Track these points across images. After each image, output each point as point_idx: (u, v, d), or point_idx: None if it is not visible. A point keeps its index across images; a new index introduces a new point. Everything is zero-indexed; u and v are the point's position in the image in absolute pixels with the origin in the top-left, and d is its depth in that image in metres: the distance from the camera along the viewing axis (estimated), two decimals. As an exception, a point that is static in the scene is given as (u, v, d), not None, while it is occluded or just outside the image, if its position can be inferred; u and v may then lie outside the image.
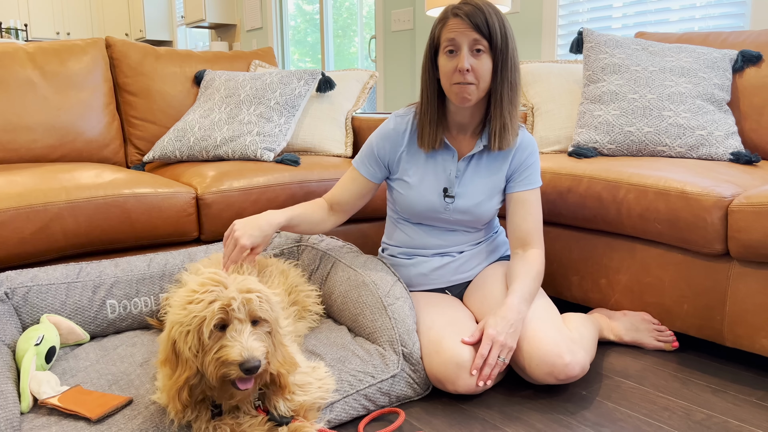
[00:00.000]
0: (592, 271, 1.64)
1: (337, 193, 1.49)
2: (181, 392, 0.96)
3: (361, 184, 1.48)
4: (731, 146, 1.69)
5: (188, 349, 0.95)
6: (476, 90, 1.31)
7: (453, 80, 1.31)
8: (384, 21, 3.75)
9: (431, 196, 1.42)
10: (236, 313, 0.95)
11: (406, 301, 1.37)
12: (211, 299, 0.95)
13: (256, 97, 2.12)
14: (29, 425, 1.05)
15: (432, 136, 1.39)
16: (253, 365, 0.93)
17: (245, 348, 0.93)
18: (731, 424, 1.19)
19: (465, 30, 1.28)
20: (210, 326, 0.94)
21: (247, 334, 0.95)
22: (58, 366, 1.28)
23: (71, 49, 2.16)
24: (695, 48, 1.86)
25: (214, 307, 0.94)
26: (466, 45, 1.28)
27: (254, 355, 0.93)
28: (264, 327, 1.00)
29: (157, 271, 1.50)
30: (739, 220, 1.31)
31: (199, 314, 0.94)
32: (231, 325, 0.95)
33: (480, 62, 1.29)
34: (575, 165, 1.66)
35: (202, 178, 1.80)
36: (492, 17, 1.28)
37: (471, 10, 1.28)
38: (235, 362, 0.93)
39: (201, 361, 0.95)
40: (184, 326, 0.95)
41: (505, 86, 1.32)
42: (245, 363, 0.92)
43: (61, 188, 1.57)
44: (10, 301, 1.35)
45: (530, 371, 1.25)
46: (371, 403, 1.23)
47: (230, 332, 0.95)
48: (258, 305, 0.97)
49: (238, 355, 0.93)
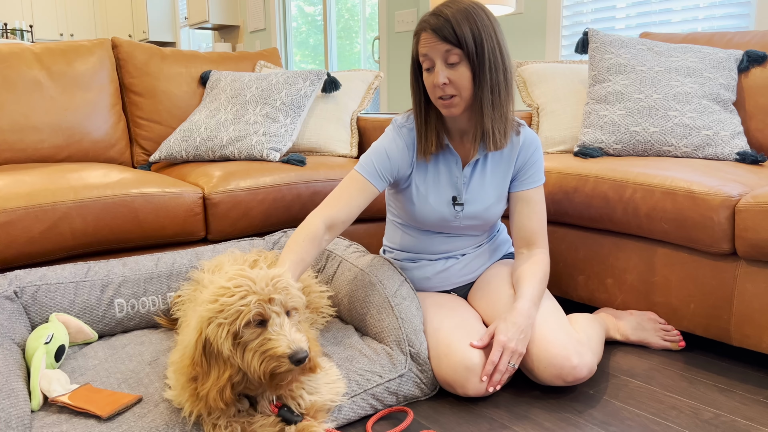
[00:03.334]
0: (598, 270, 1.64)
1: (343, 209, 1.33)
2: (223, 391, 0.96)
3: (370, 195, 1.36)
4: (737, 146, 1.69)
5: (226, 346, 0.96)
6: (459, 100, 1.29)
7: (435, 94, 1.30)
8: (388, 22, 3.76)
9: (440, 206, 1.41)
10: (272, 306, 0.97)
11: (413, 301, 1.37)
12: (243, 293, 0.96)
13: (262, 98, 2.12)
14: (40, 423, 1.05)
15: (427, 144, 1.37)
16: (302, 356, 0.95)
17: (291, 341, 0.95)
18: (739, 423, 1.19)
19: (435, 44, 1.25)
20: (246, 320, 0.95)
21: (288, 327, 0.97)
22: (67, 365, 1.29)
23: (78, 50, 2.17)
24: (700, 48, 1.87)
25: (249, 300, 0.95)
26: (439, 59, 1.26)
27: (301, 346, 0.96)
28: (296, 316, 1.02)
29: (165, 270, 1.51)
30: (746, 219, 1.31)
31: (234, 308, 0.95)
32: (270, 319, 0.97)
33: (457, 72, 1.26)
34: (581, 165, 1.66)
35: (208, 178, 1.81)
36: (461, 25, 1.23)
37: (437, 23, 1.24)
38: (285, 355, 0.95)
39: (241, 357, 0.96)
40: (218, 321, 0.96)
41: (485, 92, 1.28)
42: (295, 355, 0.95)
43: (69, 188, 1.58)
44: (20, 300, 1.35)
45: (538, 373, 1.26)
46: (379, 402, 1.23)
47: (271, 326, 0.97)
48: (290, 297, 1.00)
49: (286, 347, 0.95)
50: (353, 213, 1.34)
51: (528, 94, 2.11)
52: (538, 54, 2.95)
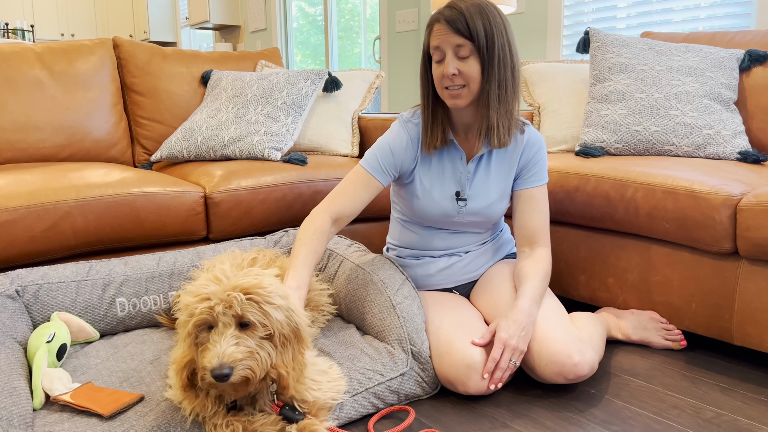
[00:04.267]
0: (599, 270, 1.64)
1: (347, 204, 1.36)
2: (182, 372, 0.97)
3: (373, 191, 1.39)
4: (739, 145, 1.69)
5: (188, 341, 0.96)
6: (467, 91, 1.31)
7: (443, 85, 1.31)
8: (388, 22, 3.76)
9: (444, 201, 1.42)
10: (222, 316, 0.93)
11: (414, 300, 1.37)
12: (203, 296, 0.94)
13: (263, 97, 2.12)
14: (42, 421, 1.05)
15: (432, 137, 1.38)
16: (222, 373, 0.90)
17: (219, 354, 0.91)
18: (741, 422, 1.19)
19: (447, 35, 1.28)
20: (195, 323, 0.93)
21: (227, 339, 0.92)
22: (68, 363, 1.29)
23: (79, 49, 2.17)
24: (702, 47, 1.87)
25: (202, 305, 0.93)
26: (450, 50, 1.28)
27: (223, 362, 0.90)
28: (259, 331, 0.96)
29: (167, 269, 1.51)
30: (748, 218, 1.31)
31: (190, 309, 0.95)
32: (216, 327, 0.94)
33: (467, 65, 1.29)
34: (582, 164, 1.66)
35: (210, 177, 1.81)
36: (474, 19, 1.26)
37: (452, 15, 1.27)
38: (206, 368, 0.92)
39: (196, 354, 0.97)
40: (183, 317, 0.96)
41: (492, 85, 1.30)
42: (215, 370, 0.90)
43: (70, 187, 1.58)
44: (21, 298, 1.35)
45: (539, 371, 1.26)
46: (380, 401, 1.23)
47: (212, 335, 0.94)
48: (248, 308, 0.94)
49: (209, 360, 0.91)
50: (357, 207, 1.38)
51: (529, 94, 2.11)
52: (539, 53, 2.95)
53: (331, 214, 1.34)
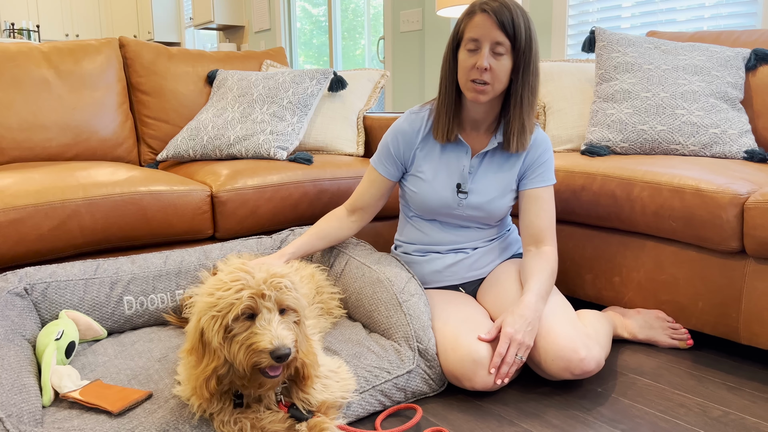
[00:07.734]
0: (605, 269, 1.64)
1: (358, 197, 1.52)
2: (208, 381, 0.97)
3: (380, 185, 1.50)
4: (745, 144, 1.68)
5: (216, 338, 0.96)
6: (491, 89, 1.32)
7: (470, 76, 1.32)
8: (393, 22, 3.76)
9: (444, 191, 1.43)
10: (265, 302, 0.96)
11: (420, 298, 1.37)
12: (239, 287, 0.96)
13: (268, 97, 2.13)
14: (51, 418, 1.06)
15: (448, 126, 1.40)
16: (284, 353, 0.94)
17: (275, 336, 0.94)
18: (748, 420, 1.19)
19: (490, 27, 1.28)
20: (236, 313, 0.95)
21: (276, 323, 0.96)
22: (77, 361, 1.29)
23: (85, 49, 2.18)
24: (708, 46, 1.86)
25: (242, 294, 0.95)
26: (488, 44, 1.29)
27: (284, 343, 0.94)
28: (291, 316, 1.01)
29: (173, 268, 1.52)
30: (755, 217, 1.31)
31: (227, 301, 0.95)
32: (260, 313, 0.96)
33: (499, 63, 1.29)
34: (588, 163, 1.66)
35: (216, 176, 1.82)
36: (519, 18, 1.28)
37: (498, 8, 1.28)
38: (266, 350, 0.94)
39: (228, 349, 0.96)
40: (211, 313, 0.96)
41: (526, 89, 1.33)
42: (276, 351, 0.93)
43: (78, 185, 1.59)
44: (30, 296, 1.36)
45: (546, 366, 1.26)
46: (387, 398, 1.23)
47: (259, 321, 0.96)
48: (286, 294, 0.98)
49: (268, 342, 0.94)
50: (369, 201, 1.52)
51: (534, 93, 2.11)
52: (544, 53, 2.95)
53: (346, 206, 1.54)
